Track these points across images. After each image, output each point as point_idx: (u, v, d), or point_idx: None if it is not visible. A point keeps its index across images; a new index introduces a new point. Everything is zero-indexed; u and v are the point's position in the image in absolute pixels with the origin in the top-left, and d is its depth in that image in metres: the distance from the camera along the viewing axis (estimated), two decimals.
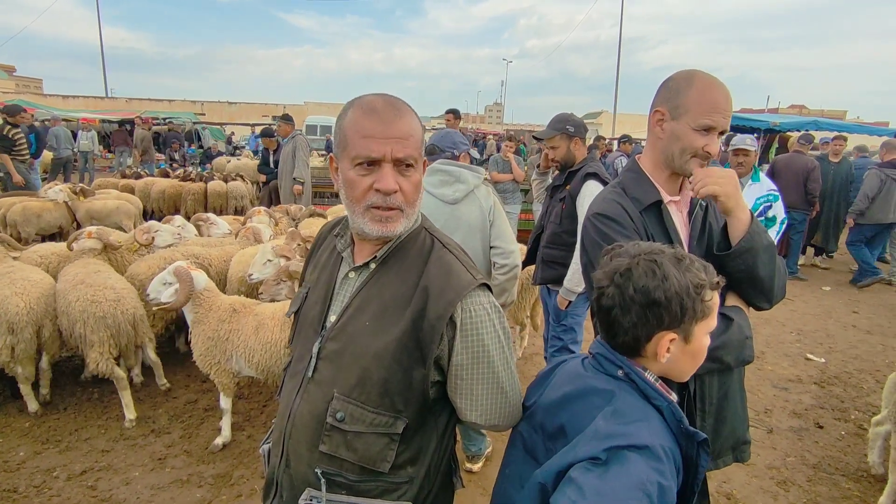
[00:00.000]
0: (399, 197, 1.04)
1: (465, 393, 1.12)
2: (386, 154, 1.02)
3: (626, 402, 1.00)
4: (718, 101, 1.42)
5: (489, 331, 1.09)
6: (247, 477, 2.85)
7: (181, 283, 2.93)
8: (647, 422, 0.97)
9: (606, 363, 1.08)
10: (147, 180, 8.80)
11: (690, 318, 1.01)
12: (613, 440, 0.92)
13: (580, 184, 2.90)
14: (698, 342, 1.04)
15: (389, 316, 1.08)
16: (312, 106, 35.63)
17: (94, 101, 29.72)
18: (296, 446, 1.12)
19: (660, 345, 1.02)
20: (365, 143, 1.02)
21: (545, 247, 3.09)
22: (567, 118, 3.05)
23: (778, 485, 2.95)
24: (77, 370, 3.92)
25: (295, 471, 1.12)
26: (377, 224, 1.05)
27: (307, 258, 1.35)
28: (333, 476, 1.09)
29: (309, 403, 1.11)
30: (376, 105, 1.04)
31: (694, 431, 0.99)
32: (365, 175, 1.04)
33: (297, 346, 1.22)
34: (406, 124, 1.04)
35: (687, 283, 1.00)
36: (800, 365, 4.61)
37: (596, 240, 1.50)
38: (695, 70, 1.48)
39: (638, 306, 1.01)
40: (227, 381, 3.03)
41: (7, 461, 2.91)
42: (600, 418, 0.97)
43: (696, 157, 1.45)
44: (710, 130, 1.43)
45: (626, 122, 33.87)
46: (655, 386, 1.04)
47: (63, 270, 3.55)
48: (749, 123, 12.08)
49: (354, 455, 1.08)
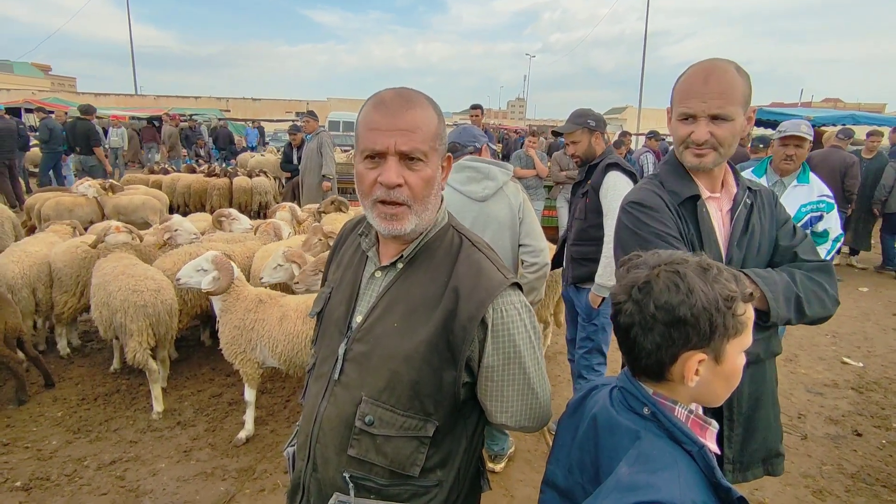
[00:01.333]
0: (405, 191, 1.01)
1: (496, 395, 1.08)
2: (390, 147, 0.99)
3: (653, 444, 0.89)
4: (693, 86, 1.37)
5: (520, 331, 1.06)
6: (270, 471, 2.87)
7: (222, 271, 3.02)
8: (676, 470, 0.85)
9: (632, 399, 0.97)
10: (173, 176, 8.97)
11: (721, 335, 0.89)
12: (636, 494, 0.81)
13: (601, 175, 2.85)
14: (731, 362, 0.92)
15: (418, 317, 1.05)
16: (335, 102, 35.88)
17: (125, 98, 30.47)
18: (323, 450, 1.09)
19: (687, 366, 0.91)
20: (370, 136, 1.00)
21: (573, 244, 3.01)
22: (587, 113, 3.02)
23: (814, 494, 2.83)
24: (106, 363, 4.01)
25: (322, 475, 1.10)
26: (384, 221, 1.03)
27: (329, 256, 1.31)
28: (362, 480, 1.06)
29: (336, 407, 1.08)
30: (386, 97, 1.02)
31: (728, 487, 0.86)
32: (371, 168, 1.02)
33: (322, 347, 1.18)
34: (414, 116, 1.00)
35: (716, 297, 0.88)
36: (836, 369, 4.43)
37: (630, 228, 1.45)
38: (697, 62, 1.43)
39: (661, 325, 0.89)
40: (251, 371, 3.07)
41: (41, 450, 2.99)
42: (624, 464, 0.88)
43: (689, 149, 1.42)
44: (692, 118, 1.38)
45: (651, 117, 33.21)
46: (685, 428, 0.91)
47: (97, 265, 3.64)
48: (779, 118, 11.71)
49: (384, 459, 1.05)
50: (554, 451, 1.13)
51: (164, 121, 13.88)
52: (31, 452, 2.96)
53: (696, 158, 1.42)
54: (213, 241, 4.48)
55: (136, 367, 3.39)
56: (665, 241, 1.37)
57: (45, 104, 14.98)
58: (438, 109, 1.08)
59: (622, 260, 1.03)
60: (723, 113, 1.35)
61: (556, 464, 1.10)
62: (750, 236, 1.47)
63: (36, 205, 6.56)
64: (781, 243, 1.52)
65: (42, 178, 10.11)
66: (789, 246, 1.51)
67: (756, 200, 1.51)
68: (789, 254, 1.51)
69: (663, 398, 0.95)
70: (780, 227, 1.54)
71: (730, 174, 1.53)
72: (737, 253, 1.45)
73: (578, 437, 1.05)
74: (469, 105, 7.41)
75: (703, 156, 1.40)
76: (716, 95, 1.34)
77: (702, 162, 1.41)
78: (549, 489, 1.10)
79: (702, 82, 1.35)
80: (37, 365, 3.61)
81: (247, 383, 3.11)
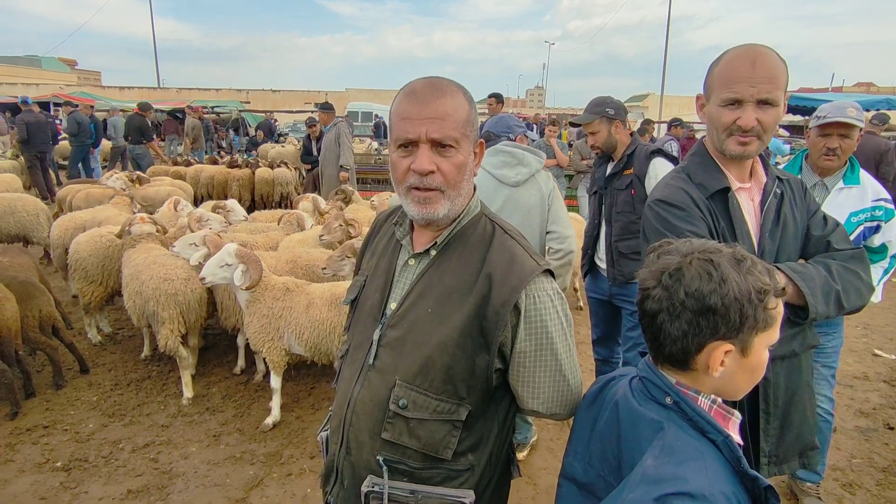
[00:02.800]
0: (438, 178, 1.03)
1: (528, 381, 1.11)
2: (421, 135, 1.01)
3: (677, 436, 0.88)
4: (738, 70, 1.31)
5: (553, 318, 1.08)
6: (296, 457, 2.94)
7: (251, 265, 3.04)
8: (703, 461, 0.84)
9: (654, 388, 0.96)
10: (197, 167, 9.11)
11: (751, 328, 0.88)
12: (663, 486, 0.80)
13: (645, 163, 2.72)
14: (757, 356, 0.91)
15: (452, 302, 1.07)
16: (353, 92, 35.91)
17: (148, 91, 30.96)
18: (357, 434, 1.11)
19: (713, 357, 0.89)
20: (403, 125, 1.03)
21: (619, 240, 2.80)
22: (606, 101, 2.88)
23: (843, 487, 2.79)
24: (137, 350, 4.13)
25: (356, 458, 1.12)
26: (418, 206, 1.05)
27: (363, 246, 1.33)
28: (395, 464, 1.08)
29: (370, 391, 1.10)
30: (416, 87, 1.05)
31: (755, 476, 0.85)
32: (405, 157, 1.05)
33: (355, 334, 1.20)
34: (445, 104, 1.02)
35: (749, 288, 0.87)
36: (867, 361, 4.33)
37: (657, 228, 1.42)
38: (736, 45, 1.38)
39: (690, 313, 0.88)
40: (278, 358, 3.13)
41: (78, 432, 3.11)
42: (648, 456, 0.87)
43: (734, 136, 1.36)
44: (738, 103, 1.33)
45: (673, 104, 32.51)
46: (709, 417, 0.90)
47: (126, 255, 3.74)
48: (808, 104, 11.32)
49: (417, 442, 1.07)
50: (571, 443, 1.12)
51: (188, 113, 14.06)
52: (70, 435, 3.09)
53: (741, 147, 1.37)
54: (237, 231, 4.56)
55: (167, 354, 3.49)
56: None
57: (73, 98, 15.34)
58: (469, 97, 1.09)
59: (652, 246, 1.02)
60: (771, 97, 1.31)
61: (575, 456, 1.09)
62: (782, 227, 1.44)
63: (67, 196, 6.74)
64: (813, 233, 1.49)
65: (71, 171, 10.38)
66: (822, 236, 1.48)
67: (786, 190, 1.48)
68: (822, 244, 1.48)
69: (686, 388, 0.94)
70: (811, 217, 1.51)
71: (758, 163, 1.49)
72: (769, 244, 1.42)
73: (598, 429, 1.04)
74: (487, 94, 7.30)
75: (747, 144, 1.36)
76: (764, 79, 1.30)
77: (746, 150, 1.37)
78: (567, 482, 1.10)
79: (749, 66, 1.30)
80: (72, 351, 3.75)
81: (273, 371, 3.18)
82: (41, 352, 3.60)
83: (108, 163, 12.26)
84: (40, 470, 2.79)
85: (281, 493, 2.66)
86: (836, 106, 2.38)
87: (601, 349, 3.20)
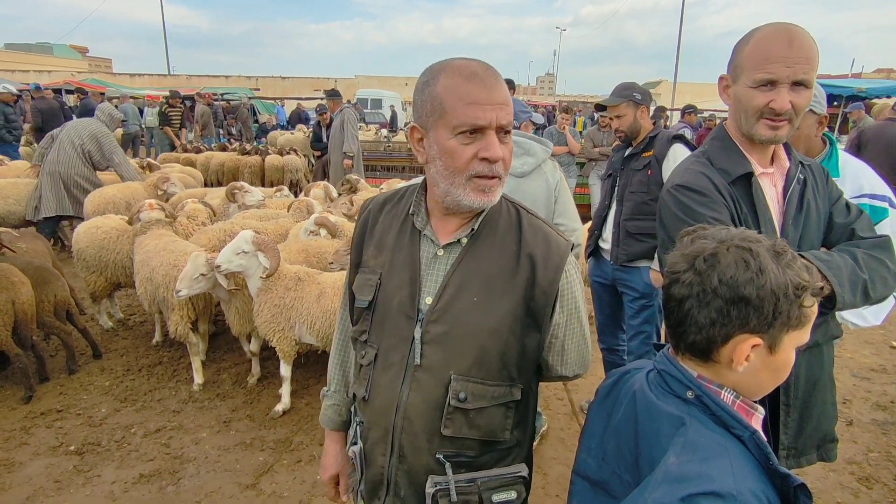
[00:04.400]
0: (501, 165, 1.03)
1: (559, 350, 1.16)
2: (492, 121, 0.99)
3: (699, 432, 0.84)
4: (773, 49, 1.24)
5: (577, 288, 1.14)
6: (306, 443, 2.95)
7: (268, 252, 3.01)
8: (728, 458, 0.79)
9: (673, 382, 0.91)
10: (207, 154, 9.13)
11: (783, 324, 0.83)
12: (688, 486, 0.76)
13: (666, 147, 2.73)
14: (785, 355, 0.86)
15: (497, 289, 1.06)
16: (363, 79, 35.72)
17: (158, 78, 31.05)
18: (412, 439, 1.08)
19: (739, 350, 0.85)
20: (470, 111, 0.97)
21: (628, 220, 2.82)
22: (633, 86, 2.90)
23: (859, 481, 2.74)
24: (149, 335, 4.16)
25: (412, 463, 1.09)
26: (480, 194, 1.02)
27: (358, 239, 1.24)
28: (454, 458, 1.08)
29: (422, 392, 1.07)
30: (476, 70, 1.00)
31: (786, 473, 0.81)
32: (468, 143, 1.00)
33: (384, 336, 1.12)
34: (505, 89, 1.02)
35: (787, 283, 0.82)
36: (884, 354, 4.25)
37: (676, 213, 1.37)
38: (765, 24, 1.31)
39: (721, 301, 0.84)
40: (288, 348, 3.12)
41: (91, 416, 3.15)
42: (671, 453, 0.82)
43: (764, 119, 1.29)
44: (772, 84, 1.25)
45: (686, 91, 31.98)
46: (733, 412, 0.86)
47: (138, 242, 3.74)
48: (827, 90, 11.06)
49: (477, 432, 1.08)
50: (584, 439, 1.08)
51: (197, 100, 14.07)
52: (83, 419, 3.12)
53: (772, 131, 1.30)
54: (247, 218, 4.55)
55: (178, 340, 3.50)
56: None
57: (84, 85, 15.40)
58: None
59: (686, 230, 0.97)
60: (807, 79, 1.25)
61: (588, 452, 1.05)
62: (805, 214, 1.38)
63: None
64: (837, 220, 1.44)
65: None
66: (845, 223, 1.43)
67: (809, 176, 1.42)
68: (846, 231, 1.42)
69: (708, 382, 0.90)
70: (833, 204, 1.45)
71: (781, 148, 1.43)
72: (792, 232, 1.37)
73: (613, 425, 1.00)
74: None
75: (778, 128, 1.30)
76: (802, 59, 1.23)
77: (776, 134, 1.31)
78: (580, 479, 1.06)
79: (786, 45, 1.23)
80: (85, 336, 3.78)
81: (283, 360, 3.18)
82: (55, 336, 3.63)
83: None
84: (54, 453, 2.82)
85: (290, 480, 2.67)
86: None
87: (606, 337, 3.20)
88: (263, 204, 4.94)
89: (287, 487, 2.62)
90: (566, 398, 3.48)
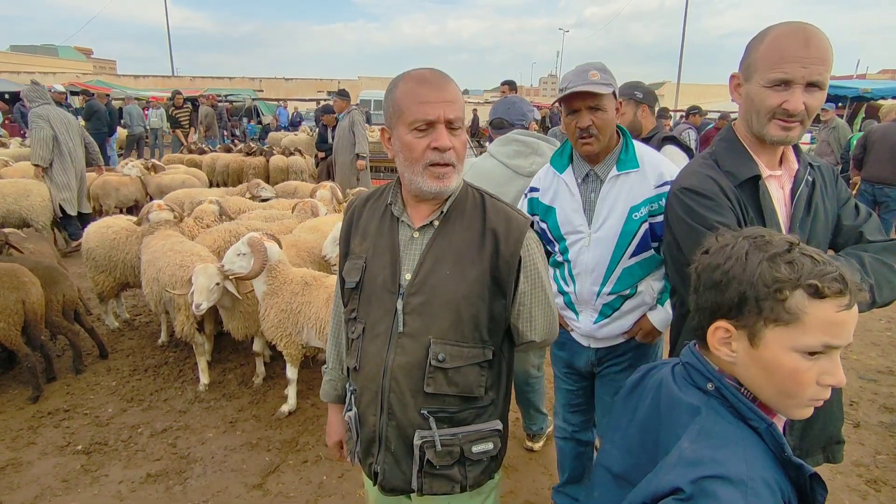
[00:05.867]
0: (452, 154, 1.18)
1: (527, 316, 1.30)
2: (440, 116, 1.15)
3: (714, 421, 0.86)
4: (788, 49, 1.22)
5: (540, 260, 1.30)
6: (311, 444, 2.95)
7: (255, 253, 2.96)
8: (742, 447, 0.81)
9: (696, 374, 0.94)
10: (213, 155, 9.18)
11: (754, 314, 0.84)
12: (700, 469, 0.78)
13: (658, 147, 2.74)
14: (772, 352, 0.84)
15: (467, 260, 1.23)
16: (366, 80, 35.73)
17: (162, 80, 31.12)
18: (399, 397, 1.23)
19: (712, 334, 0.90)
20: (421, 108, 1.15)
21: None
22: (636, 84, 2.97)
23: (867, 483, 2.73)
24: (155, 336, 4.18)
25: (401, 419, 1.24)
26: (436, 180, 1.18)
27: (345, 232, 1.41)
28: (437, 413, 1.24)
29: (406, 355, 1.22)
30: (426, 75, 1.19)
31: (799, 463, 0.82)
32: (422, 137, 1.17)
33: (370, 311, 1.28)
34: (453, 89, 1.19)
35: (759, 273, 0.83)
36: (891, 355, 4.23)
37: (683, 217, 1.36)
38: (781, 22, 1.30)
39: (702, 286, 0.92)
40: (295, 352, 3.12)
41: (98, 416, 3.16)
42: (685, 439, 0.84)
43: (776, 119, 1.28)
44: (786, 84, 1.24)
45: (690, 92, 31.87)
46: (751, 403, 0.87)
47: (145, 242, 3.76)
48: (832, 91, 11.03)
49: (456, 388, 1.23)
50: (609, 432, 1.10)
51: (200, 101, 14.12)
52: (90, 419, 3.13)
53: (784, 132, 1.29)
54: (252, 219, 4.57)
55: (184, 341, 3.51)
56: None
57: (89, 87, 15.46)
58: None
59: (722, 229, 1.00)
60: (822, 80, 1.24)
61: (613, 444, 1.07)
62: (813, 217, 1.38)
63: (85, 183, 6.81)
64: (845, 223, 1.43)
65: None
66: (853, 226, 1.42)
67: (817, 177, 1.41)
68: (854, 234, 1.42)
69: (728, 376, 0.92)
70: (842, 206, 1.44)
71: (790, 149, 1.42)
72: (800, 234, 1.36)
73: (638, 418, 1.02)
74: (500, 82, 7.25)
75: (791, 128, 1.28)
76: (818, 60, 1.22)
77: (788, 136, 1.30)
78: (603, 471, 1.07)
79: (802, 45, 1.22)
80: (92, 336, 3.80)
81: (289, 362, 3.17)
82: (62, 336, 3.65)
83: (124, 150, 12.37)
84: (62, 453, 2.84)
85: (297, 480, 2.68)
86: (576, 72, 1.75)
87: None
88: (271, 205, 4.98)
89: (293, 488, 2.63)
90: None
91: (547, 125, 9.72)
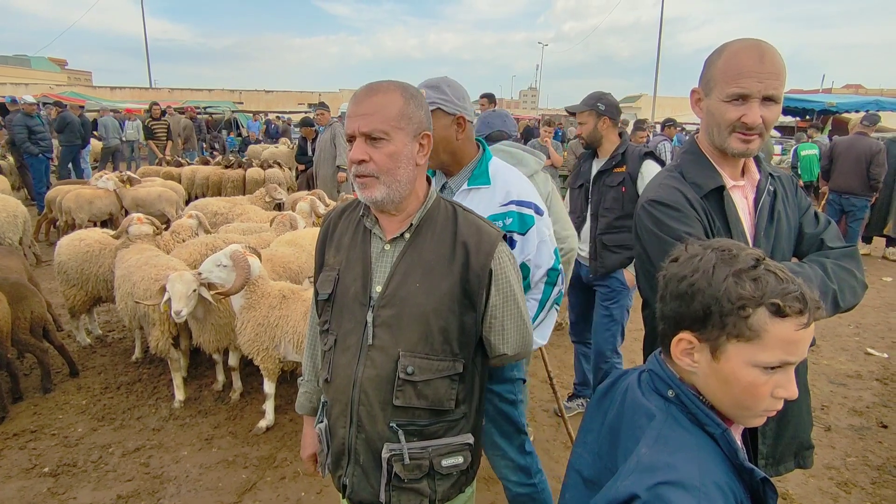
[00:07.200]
0: (371, 166, 1.17)
1: (499, 329, 1.29)
2: (354, 130, 1.18)
3: (671, 427, 0.88)
4: (745, 64, 1.27)
5: (512, 274, 1.29)
6: (290, 459, 2.90)
7: (238, 269, 2.90)
8: (696, 452, 0.84)
9: (658, 381, 0.97)
10: (192, 168, 9.06)
11: (717, 328, 0.85)
12: (655, 475, 0.80)
13: (638, 164, 2.83)
14: (732, 366, 0.85)
15: (437, 274, 1.22)
16: (347, 93, 35.75)
17: (140, 91, 30.65)
18: (368, 409, 1.22)
19: (675, 344, 0.92)
20: (347, 123, 1.20)
21: (604, 233, 2.94)
22: (601, 96, 2.99)
23: (838, 486, 2.79)
24: (127, 352, 4.07)
25: (370, 432, 1.23)
26: (360, 190, 1.20)
27: (321, 243, 1.41)
28: (407, 426, 1.22)
29: (375, 368, 1.22)
30: (357, 92, 1.22)
31: (751, 468, 0.85)
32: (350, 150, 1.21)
33: (342, 323, 1.28)
34: (374, 102, 1.17)
35: (724, 289, 0.84)
36: (859, 360, 4.35)
37: (651, 229, 1.39)
38: (736, 39, 1.35)
39: (668, 295, 0.93)
40: (272, 366, 3.07)
41: (67, 437, 3.06)
42: (643, 444, 0.87)
43: (736, 133, 1.32)
44: (744, 98, 1.28)
45: (666, 105, 32.67)
46: (707, 409, 0.90)
47: (119, 256, 3.68)
48: (800, 104, 11.43)
49: (425, 401, 1.22)
50: (580, 434, 1.12)
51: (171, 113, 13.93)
52: (58, 439, 3.03)
53: (744, 144, 1.33)
54: (229, 231, 4.51)
55: (158, 357, 3.44)
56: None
57: (63, 98, 15.16)
58: (409, 93, 1.21)
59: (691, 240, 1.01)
60: (777, 94, 1.28)
61: (584, 447, 1.09)
62: (777, 225, 1.42)
63: (57, 197, 6.66)
64: (806, 231, 1.48)
65: (61, 171, 10.22)
66: (815, 234, 1.47)
67: (779, 187, 1.46)
68: (815, 242, 1.47)
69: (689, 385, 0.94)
70: (802, 215, 1.49)
71: (751, 160, 1.47)
72: (764, 243, 1.40)
73: (608, 422, 1.04)
74: (479, 95, 7.27)
75: (750, 141, 1.32)
76: (772, 75, 1.26)
77: (748, 148, 1.34)
78: (574, 473, 1.10)
79: (757, 60, 1.26)
80: (62, 353, 3.69)
81: (266, 377, 3.12)
82: (30, 354, 3.54)
83: (99, 163, 12.12)
84: (27, 476, 2.73)
85: (274, 497, 2.63)
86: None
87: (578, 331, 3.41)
88: (249, 217, 4.94)
89: None
90: (551, 409, 3.48)
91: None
